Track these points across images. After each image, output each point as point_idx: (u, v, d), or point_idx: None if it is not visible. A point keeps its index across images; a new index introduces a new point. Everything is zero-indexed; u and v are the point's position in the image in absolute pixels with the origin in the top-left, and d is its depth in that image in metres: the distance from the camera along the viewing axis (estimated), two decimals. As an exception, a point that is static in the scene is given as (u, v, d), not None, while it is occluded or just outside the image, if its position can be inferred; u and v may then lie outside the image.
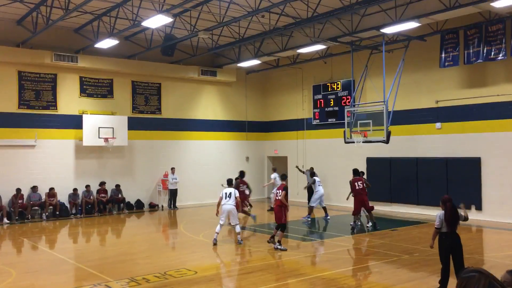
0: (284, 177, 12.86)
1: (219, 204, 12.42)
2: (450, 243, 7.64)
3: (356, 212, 14.33)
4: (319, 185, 16.76)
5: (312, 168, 18.45)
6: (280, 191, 11.80)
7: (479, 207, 16.02)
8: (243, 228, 14.41)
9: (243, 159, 23.91)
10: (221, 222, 12.34)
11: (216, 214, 12.66)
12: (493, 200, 15.68)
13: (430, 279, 8.78)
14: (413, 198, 17.77)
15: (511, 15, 14.47)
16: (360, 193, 14.28)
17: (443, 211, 7.77)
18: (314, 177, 17.17)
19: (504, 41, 14.66)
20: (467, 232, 11.52)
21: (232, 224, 12.53)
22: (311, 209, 16.54)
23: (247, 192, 16.52)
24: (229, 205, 12.26)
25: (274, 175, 18.73)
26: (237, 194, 12.57)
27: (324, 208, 16.62)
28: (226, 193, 12.44)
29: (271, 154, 24.66)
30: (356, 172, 14.85)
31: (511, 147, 15.32)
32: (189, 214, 18.51)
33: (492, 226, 14.78)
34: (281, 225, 11.66)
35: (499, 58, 14.84)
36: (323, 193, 16.79)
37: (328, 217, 16.45)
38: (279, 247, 11.39)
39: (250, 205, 17.76)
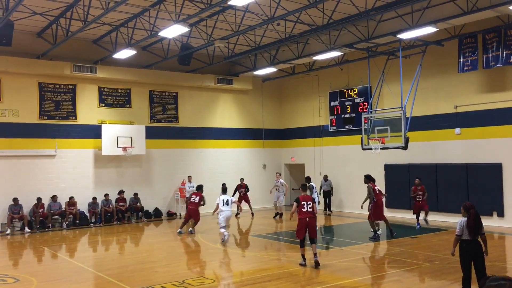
0: (304, 187, 11.34)
1: (216, 209, 13.95)
2: (471, 251, 7.46)
3: (377, 217, 14.08)
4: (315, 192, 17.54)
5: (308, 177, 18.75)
6: (310, 202, 10.59)
7: (501, 214, 15.72)
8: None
9: (260, 167, 23.90)
10: (224, 229, 13.60)
11: (212, 213, 14.71)
12: (516, 206, 15.35)
13: (451, 287, 8.63)
14: (433, 204, 17.48)
15: (530, 18, 14.25)
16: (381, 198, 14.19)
17: (464, 218, 7.56)
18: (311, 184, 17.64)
19: (524, 44, 14.43)
20: (489, 239, 11.27)
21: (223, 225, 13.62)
22: None
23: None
24: (229, 211, 13.64)
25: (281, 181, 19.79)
26: (234, 199, 14.65)
27: None
28: (224, 200, 13.76)
29: (288, 161, 24.61)
30: (371, 177, 14.58)
31: (533, 152, 15.01)
32: (207, 222, 18.52)
33: (515, 233, 14.47)
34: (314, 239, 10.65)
35: (519, 61, 14.60)
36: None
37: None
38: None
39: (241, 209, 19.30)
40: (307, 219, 10.39)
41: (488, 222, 15.03)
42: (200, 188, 16.33)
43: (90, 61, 18.94)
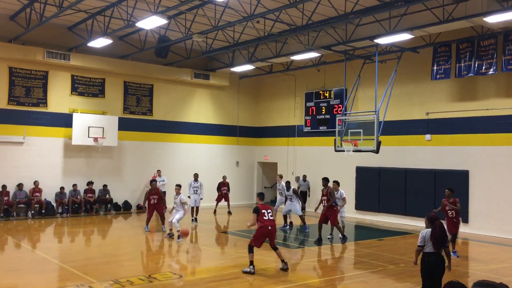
0: (261, 196, 10.72)
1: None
2: (433, 265, 7.06)
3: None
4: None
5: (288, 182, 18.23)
6: (269, 210, 10.17)
7: (465, 220, 16.07)
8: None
9: (233, 164, 23.87)
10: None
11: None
12: (480, 213, 15.78)
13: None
14: (400, 208, 17.83)
15: (503, 31, 14.63)
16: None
17: (428, 230, 7.24)
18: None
19: (495, 56, 14.82)
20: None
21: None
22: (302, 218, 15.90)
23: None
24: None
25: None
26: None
27: (285, 217, 16.22)
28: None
29: (262, 159, 24.65)
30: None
31: (499, 161, 15.45)
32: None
33: (478, 239, 14.86)
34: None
35: (490, 72, 14.99)
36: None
37: (287, 226, 16.16)
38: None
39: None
40: (269, 228, 9.83)
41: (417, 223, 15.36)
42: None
43: (64, 48, 18.52)
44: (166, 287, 8.65)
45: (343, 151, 16.41)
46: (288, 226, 16.13)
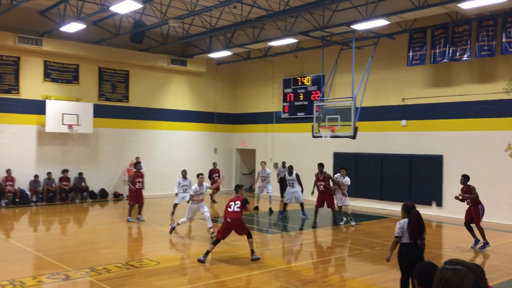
0: (237, 188, 10.70)
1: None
2: (412, 255, 6.65)
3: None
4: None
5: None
6: (238, 202, 9.84)
7: (439, 203, 16.46)
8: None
9: (211, 151, 23.79)
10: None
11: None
12: (453, 196, 16.08)
13: (389, 272, 8.95)
14: (377, 193, 18.09)
15: (477, 17, 14.83)
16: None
17: (405, 219, 6.90)
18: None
19: (469, 42, 15.03)
20: (428, 227, 11.82)
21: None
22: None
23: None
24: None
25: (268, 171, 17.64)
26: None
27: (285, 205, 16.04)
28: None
29: (240, 146, 24.63)
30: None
31: (471, 146, 15.77)
32: (155, 204, 18.27)
33: (451, 222, 15.19)
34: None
35: (464, 58, 15.22)
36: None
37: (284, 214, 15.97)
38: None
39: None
40: (229, 220, 9.60)
41: (427, 211, 15.71)
42: (134, 165, 15.34)
43: (36, 33, 18.03)
44: (143, 274, 8.61)
45: (321, 137, 16.50)
46: (285, 214, 15.65)
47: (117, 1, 13.95)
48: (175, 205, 15.21)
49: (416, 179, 16.95)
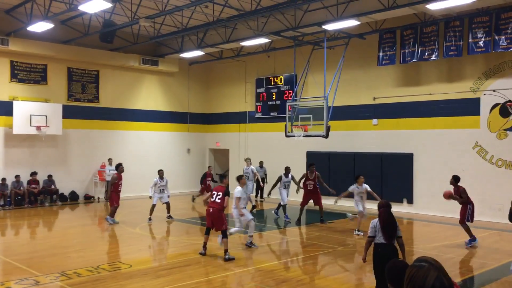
0: (221, 178, 11.20)
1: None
2: (386, 257, 5.98)
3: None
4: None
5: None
6: (220, 193, 10.16)
7: (410, 201, 16.77)
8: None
9: (184, 151, 23.63)
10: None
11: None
12: (423, 194, 16.46)
13: (362, 270, 9.07)
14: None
15: (444, 18, 15.17)
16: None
17: (377, 219, 6.77)
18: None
19: (437, 42, 15.37)
20: (398, 224, 12.05)
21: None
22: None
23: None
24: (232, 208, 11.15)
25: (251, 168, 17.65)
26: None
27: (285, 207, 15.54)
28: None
29: (213, 146, 24.54)
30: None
31: (440, 144, 16.13)
32: (127, 206, 18.01)
33: (422, 219, 15.51)
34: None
35: (432, 58, 15.54)
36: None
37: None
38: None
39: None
40: (210, 210, 9.97)
41: (399, 208, 15.99)
42: (116, 167, 14.68)
43: (2, 32, 17.53)
44: (115, 277, 8.48)
45: (294, 136, 16.59)
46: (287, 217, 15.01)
47: (86, 0, 13.70)
48: (153, 207, 14.69)
49: (387, 177, 17.22)
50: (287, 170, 15.45)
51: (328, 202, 18.44)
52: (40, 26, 16.10)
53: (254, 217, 11.37)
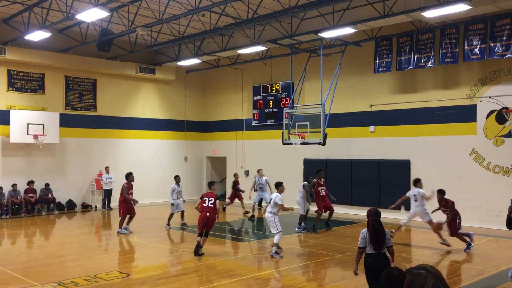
0: (210, 184, 11.84)
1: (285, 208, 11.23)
2: (378, 267, 6.04)
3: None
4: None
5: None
6: (212, 198, 11.01)
7: (408, 208, 16.72)
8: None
9: (181, 159, 23.61)
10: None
11: None
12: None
13: (360, 277, 9.03)
14: (347, 198, 18.29)
15: (440, 25, 15.27)
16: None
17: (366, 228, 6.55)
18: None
19: (433, 49, 15.46)
20: (388, 232, 12.06)
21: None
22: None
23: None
24: (267, 213, 11.24)
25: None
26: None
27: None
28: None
29: (210, 154, 24.53)
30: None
31: (437, 151, 16.17)
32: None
33: (419, 226, 15.48)
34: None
35: (428, 65, 15.63)
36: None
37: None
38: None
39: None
40: (207, 214, 10.78)
41: (396, 216, 15.96)
42: (127, 177, 14.35)
43: (-1, 41, 17.59)
44: (113, 287, 8.44)
45: (291, 143, 16.61)
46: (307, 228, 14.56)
47: (83, 9, 13.75)
48: (171, 216, 14.74)
49: (384, 184, 17.23)
50: (308, 181, 14.97)
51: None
52: (37, 35, 16.13)
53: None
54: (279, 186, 11.29)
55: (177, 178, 15.27)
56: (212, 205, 10.78)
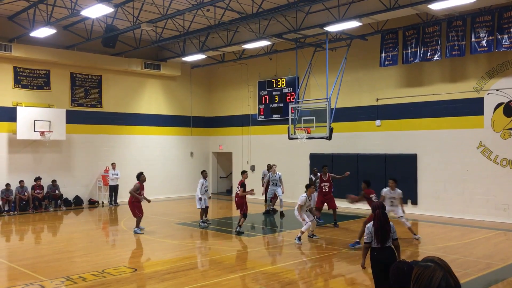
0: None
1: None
2: (384, 261, 6.02)
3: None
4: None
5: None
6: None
7: (415, 202, 16.71)
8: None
9: (187, 155, 23.64)
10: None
11: None
12: (428, 194, 16.41)
13: (367, 271, 9.02)
14: (353, 192, 18.14)
15: (446, 18, 15.14)
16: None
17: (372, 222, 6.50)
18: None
19: (439, 42, 15.34)
20: (402, 225, 12.02)
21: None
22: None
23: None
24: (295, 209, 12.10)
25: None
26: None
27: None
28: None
29: (216, 149, 24.55)
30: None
31: (444, 144, 16.07)
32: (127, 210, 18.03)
33: (426, 220, 15.45)
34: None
35: (435, 58, 15.51)
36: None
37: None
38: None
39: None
40: (236, 200, 13.55)
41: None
42: (138, 176, 14.02)
43: (5, 38, 17.60)
44: (120, 282, 8.48)
45: (297, 138, 16.58)
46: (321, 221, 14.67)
47: (88, 5, 13.76)
48: (202, 210, 14.47)
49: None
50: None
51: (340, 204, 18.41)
52: (43, 32, 16.17)
53: (314, 218, 12.37)
54: (308, 187, 12.29)
55: (204, 173, 14.81)
56: (238, 192, 13.22)
